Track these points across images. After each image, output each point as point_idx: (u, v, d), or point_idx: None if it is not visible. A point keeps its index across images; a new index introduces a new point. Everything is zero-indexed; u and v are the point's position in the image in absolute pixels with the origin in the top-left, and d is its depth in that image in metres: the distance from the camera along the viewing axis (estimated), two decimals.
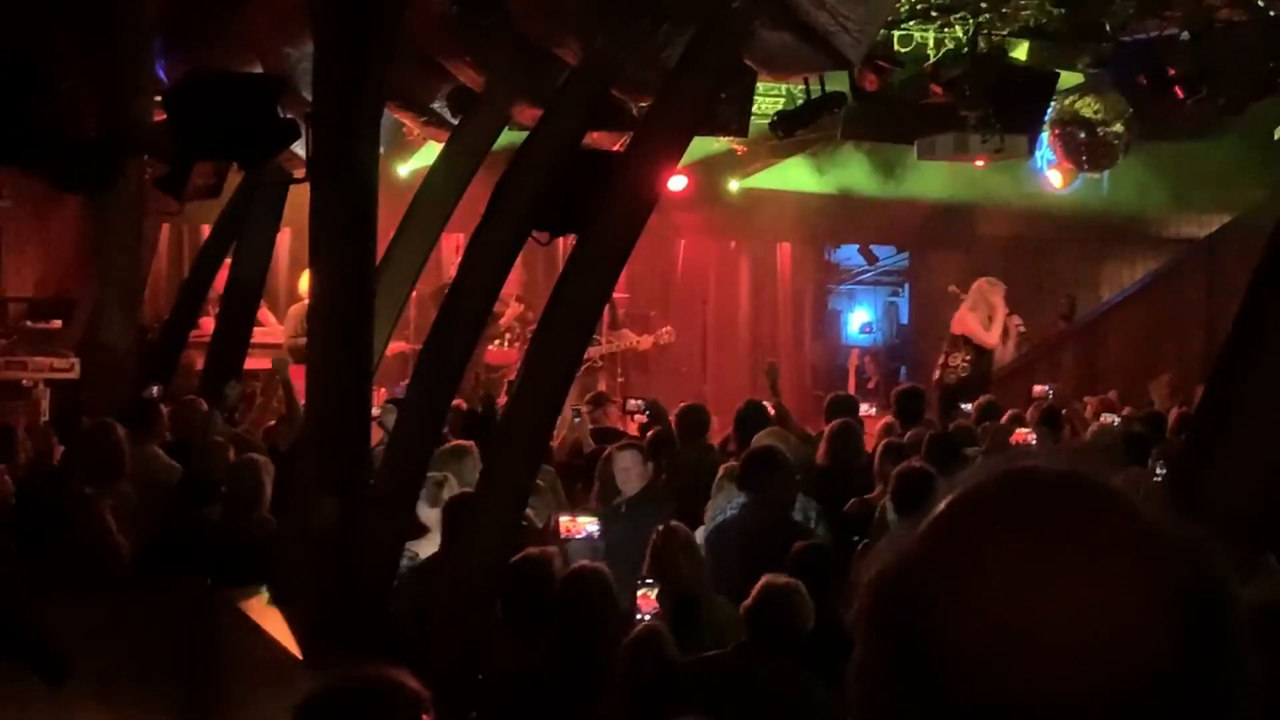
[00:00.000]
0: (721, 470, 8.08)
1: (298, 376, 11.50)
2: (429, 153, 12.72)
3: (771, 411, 10.02)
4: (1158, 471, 6.65)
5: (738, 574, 6.16)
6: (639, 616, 5.89)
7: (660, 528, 6.52)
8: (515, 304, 15.63)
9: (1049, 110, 14.06)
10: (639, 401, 10.56)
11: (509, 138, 9.29)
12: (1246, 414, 4.17)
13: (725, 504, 7.60)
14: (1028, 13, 13.03)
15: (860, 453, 9.04)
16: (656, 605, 6.00)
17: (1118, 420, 10.89)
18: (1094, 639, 0.99)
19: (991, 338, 15.16)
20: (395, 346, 13.91)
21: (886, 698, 1.06)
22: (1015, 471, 1.08)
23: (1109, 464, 7.97)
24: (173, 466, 8.54)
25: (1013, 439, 9.16)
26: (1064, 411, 11.14)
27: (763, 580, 5.48)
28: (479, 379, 14.53)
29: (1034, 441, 9.07)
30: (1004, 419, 10.50)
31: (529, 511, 7.14)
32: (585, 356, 14.55)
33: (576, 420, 11.02)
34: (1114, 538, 1.03)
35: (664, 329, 16.16)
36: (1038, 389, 12.89)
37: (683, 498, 8.13)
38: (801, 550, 6.29)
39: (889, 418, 10.75)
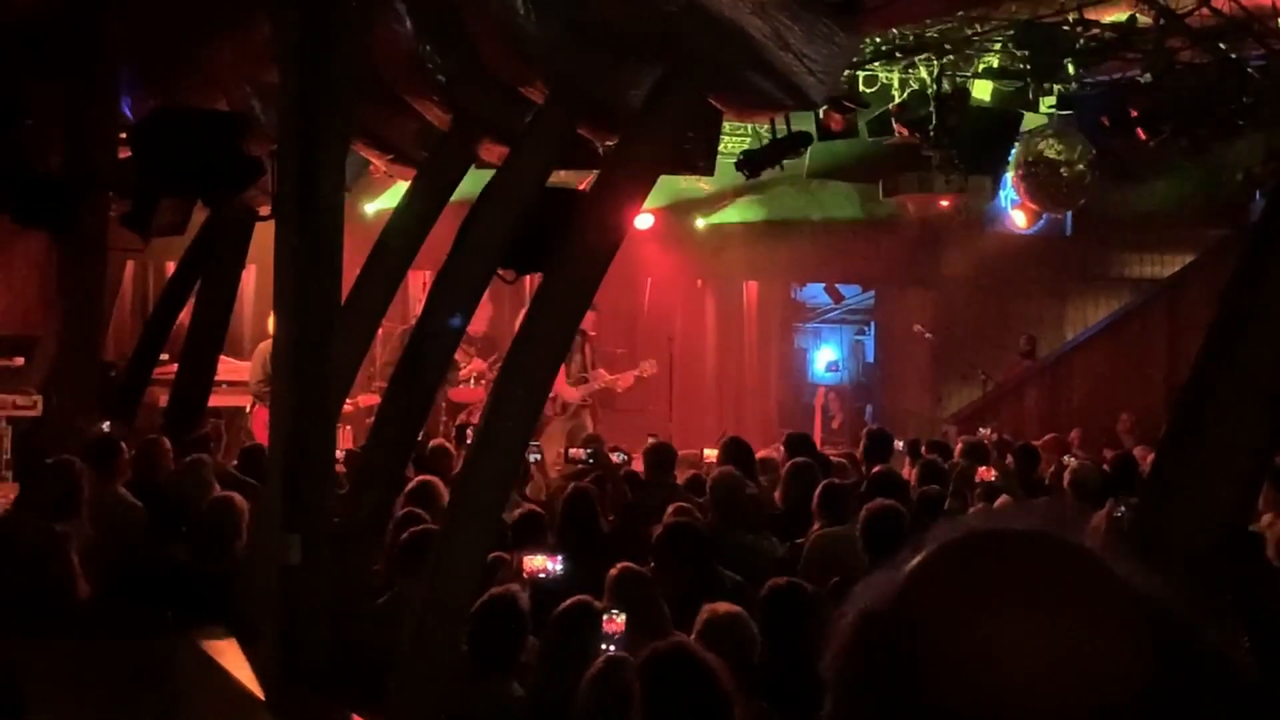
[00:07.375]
0: None
1: (262, 419, 11.47)
2: (396, 192, 12.71)
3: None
4: (1120, 511, 6.64)
5: None
6: (606, 643, 5.87)
7: (617, 566, 6.49)
8: (478, 360, 15.55)
9: (1013, 151, 14.17)
10: (584, 450, 10.58)
11: (475, 177, 9.28)
12: (1206, 453, 4.19)
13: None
14: (991, 54, 13.15)
15: None
16: (622, 628, 5.97)
17: (1070, 459, 10.99)
18: (1065, 672, 1.10)
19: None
20: (367, 399, 13.93)
21: None
22: (992, 530, 1.21)
23: (1078, 511, 8.05)
24: (134, 505, 8.47)
25: (977, 476, 9.25)
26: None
27: (704, 610, 5.47)
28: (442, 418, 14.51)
29: (993, 478, 9.19)
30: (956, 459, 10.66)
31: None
32: (576, 397, 14.60)
33: (535, 459, 10.95)
34: (1082, 589, 1.15)
35: (646, 362, 16.01)
36: (983, 432, 13.04)
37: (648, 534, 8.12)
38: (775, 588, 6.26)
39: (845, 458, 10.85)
